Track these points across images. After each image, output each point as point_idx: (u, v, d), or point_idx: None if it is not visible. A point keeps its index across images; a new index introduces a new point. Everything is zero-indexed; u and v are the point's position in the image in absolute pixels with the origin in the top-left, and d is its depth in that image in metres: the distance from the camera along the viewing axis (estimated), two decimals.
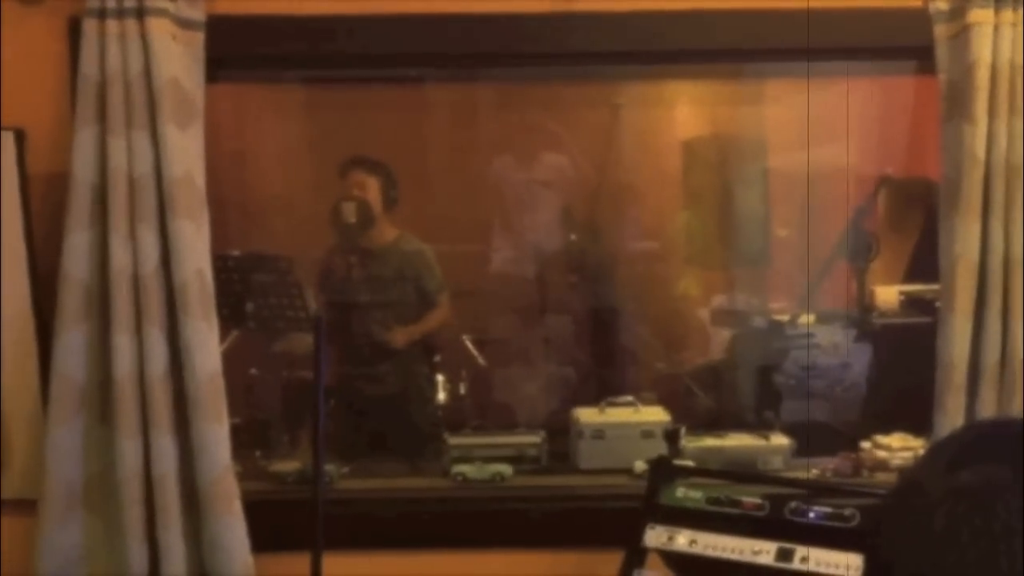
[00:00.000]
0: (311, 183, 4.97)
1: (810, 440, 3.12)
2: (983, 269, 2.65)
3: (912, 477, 1.04)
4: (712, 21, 2.80)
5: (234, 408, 2.78)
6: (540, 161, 5.30)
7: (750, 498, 2.44)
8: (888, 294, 3.49)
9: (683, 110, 5.28)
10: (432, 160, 5.47)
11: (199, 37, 2.69)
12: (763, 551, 2.35)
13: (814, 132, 4.59)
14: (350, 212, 4.16)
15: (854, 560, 2.23)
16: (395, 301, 4.43)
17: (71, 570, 2.69)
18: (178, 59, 2.65)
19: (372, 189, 4.31)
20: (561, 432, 3.29)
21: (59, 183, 2.67)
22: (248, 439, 3.57)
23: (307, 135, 5.28)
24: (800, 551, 2.32)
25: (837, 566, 2.25)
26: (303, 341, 4.16)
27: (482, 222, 5.32)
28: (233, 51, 2.81)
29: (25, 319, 2.76)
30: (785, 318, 3.70)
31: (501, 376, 4.87)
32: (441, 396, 4.59)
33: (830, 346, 3.59)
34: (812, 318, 3.64)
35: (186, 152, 2.64)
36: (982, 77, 2.63)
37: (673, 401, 4.00)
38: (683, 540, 2.43)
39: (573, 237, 4.94)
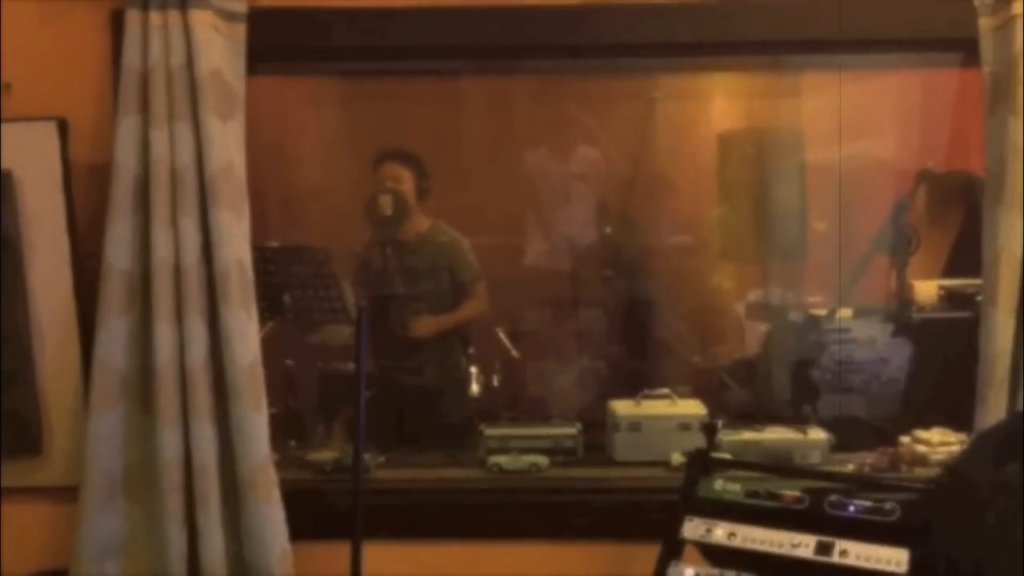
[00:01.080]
0: (348, 175, 4.98)
1: (848, 435, 3.10)
2: None
3: (959, 469, 1.02)
4: (749, 12, 2.79)
5: (270, 398, 2.80)
6: (575, 154, 5.30)
7: (789, 491, 2.43)
8: (927, 288, 3.46)
9: (719, 103, 5.25)
10: (467, 153, 5.48)
11: (241, 29, 2.71)
12: (802, 544, 2.33)
13: (853, 125, 4.56)
14: (386, 205, 4.17)
15: (894, 554, 2.21)
16: (430, 292, 4.43)
17: (111, 557, 2.72)
18: (220, 51, 2.67)
19: (406, 181, 4.32)
20: (595, 424, 3.28)
21: (101, 173, 2.70)
22: (284, 429, 3.60)
23: (345, 128, 5.30)
24: (839, 545, 2.30)
25: (877, 560, 2.23)
26: (338, 333, 4.18)
27: (517, 215, 5.32)
28: (273, 44, 2.83)
29: (67, 308, 2.79)
30: (822, 312, 3.68)
31: (534, 368, 4.87)
32: (475, 388, 4.59)
33: (867, 341, 3.56)
34: (850, 312, 3.61)
35: (227, 143, 2.66)
36: None
37: (708, 395, 3.99)
38: (721, 533, 2.42)
39: (608, 230, 4.93)
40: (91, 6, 2.76)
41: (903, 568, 2.15)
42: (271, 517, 2.69)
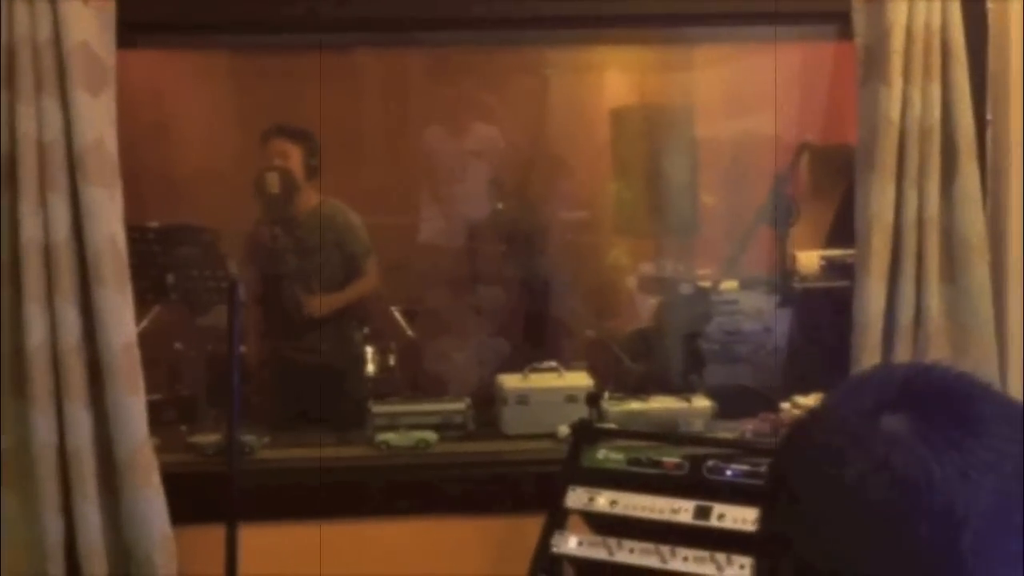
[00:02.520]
0: (237, 153, 4.89)
1: (731, 402, 3.15)
2: (897, 231, 2.70)
3: (820, 416, 0.94)
4: None
5: (158, 383, 2.73)
6: (470, 130, 5.27)
7: (669, 458, 2.47)
8: (809, 259, 3.52)
9: (613, 77, 5.28)
10: (361, 129, 5.42)
11: (110, 1, 2.63)
12: (682, 509, 2.37)
13: (740, 99, 4.62)
14: (273, 182, 4.10)
15: None
16: (321, 268, 4.37)
17: None
18: (88, 23, 2.59)
19: (294, 157, 4.24)
20: (491, 400, 3.28)
21: None
22: (173, 414, 3.53)
23: (234, 104, 5.20)
24: (717, 509, 2.34)
25: (753, 522, 2.28)
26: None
27: (411, 192, 5.28)
28: (151, 15, 2.76)
29: None
30: (708, 284, 3.73)
31: (431, 347, 4.86)
32: (370, 368, 4.56)
33: (754, 311, 3.62)
34: (735, 284, 3.67)
35: (97, 118, 2.59)
36: (897, 41, 2.66)
37: (603, 368, 4.01)
38: (604, 501, 2.44)
39: (500, 206, 4.93)
40: None
41: None
42: (151, 501, 2.64)
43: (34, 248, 2.55)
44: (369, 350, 4.52)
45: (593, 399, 2.71)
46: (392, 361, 4.57)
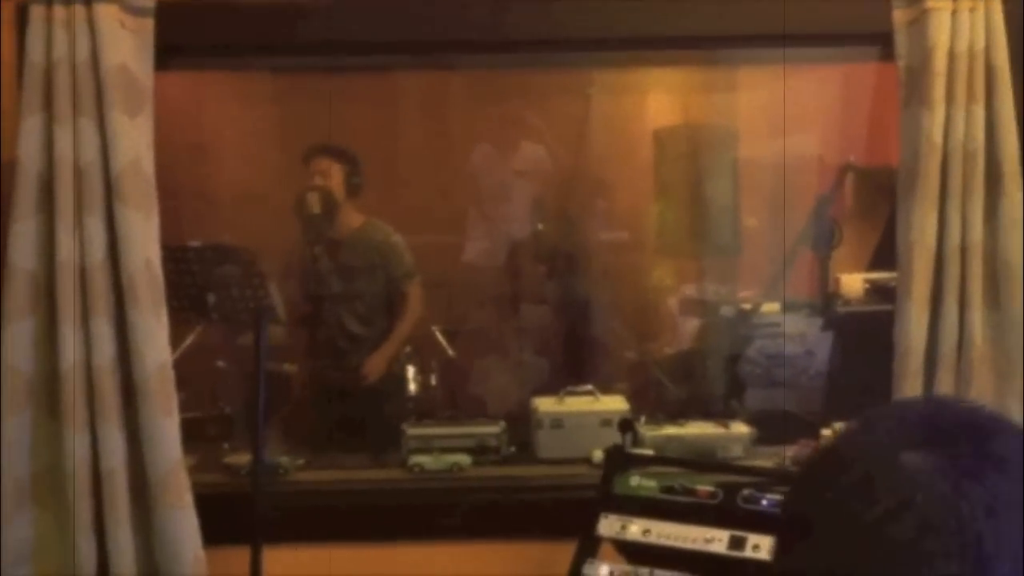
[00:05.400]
0: (281, 174, 4.92)
1: (772, 427, 3.10)
2: (940, 255, 2.63)
3: (838, 452, 0.93)
4: (684, 7, 2.78)
5: (202, 401, 2.73)
6: (512, 151, 5.27)
7: (703, 486, 2.42)
8: (853, 282, 3.47)
9: (656, 98, 5.25)
10: (403, 150, 5.43)
11: (148, 24, 2.65)
12: (716, 539, 2.33)
13: (783, 120, 4.56)
14: (314, 202, 4.12)
15: None
16: (364, 290, 4.38)
17: (21, 565, 2.65)
18: (126, 46, 2.61)
19: (335, 176, 4.26)
20: (527, 422, 3.26)
21: (5, 172, 2.63)
22: (214, 431, 3.55)
23: (274, 125, 5.23)
24: (752, 539, 2.29)
25: None
26: (271, 333, 4.13)
27: (454, 212, 5.28)
28: (189, 38, 2.78)
29: None
30: (750, 307, 3.68)
31: (472, 366, 4.84)
32: (412, 388, 4.54)
33: (797, 335, 3.57)
34: (776, 307, 3.62)
35: (134, 140, 2.60)
36: (940, 63, 2.61)
37: (644, 390, 3.98)
38: (636, 529, 2.40)
39: (540, 227, 4.91)
40: None
41: None
42: (183, 522, 2.63)
43: (70, 270, 2.56)
44: (411, 369, 4.52)
45: (625, 425, 2.67)
46: (433, 381, 4.55)
